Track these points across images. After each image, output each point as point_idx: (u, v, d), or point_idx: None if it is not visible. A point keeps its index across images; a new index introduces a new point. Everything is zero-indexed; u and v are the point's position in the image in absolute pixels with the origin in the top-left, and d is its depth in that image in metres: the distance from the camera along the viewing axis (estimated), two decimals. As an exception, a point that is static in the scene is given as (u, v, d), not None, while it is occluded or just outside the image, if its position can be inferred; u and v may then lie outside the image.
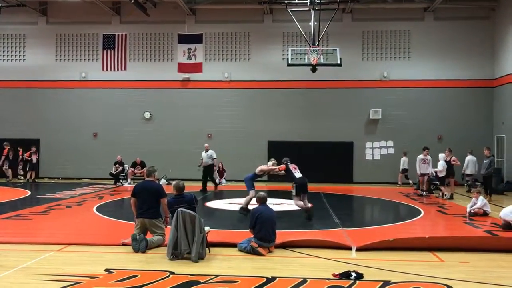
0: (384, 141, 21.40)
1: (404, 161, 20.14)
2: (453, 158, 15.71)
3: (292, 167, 11.43)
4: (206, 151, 17.19)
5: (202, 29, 21.64)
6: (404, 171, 20.15)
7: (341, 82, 21.34)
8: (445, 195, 15.32)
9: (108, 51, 21.56)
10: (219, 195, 16.76)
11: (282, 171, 11.56)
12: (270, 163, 12.16)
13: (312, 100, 21.58)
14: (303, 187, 10.97)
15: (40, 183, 20.10)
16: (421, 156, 16.43)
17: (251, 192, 11.41)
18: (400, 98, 21.26)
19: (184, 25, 21.81)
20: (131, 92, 22.11)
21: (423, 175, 16.35)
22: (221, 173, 20.58)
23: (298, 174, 11.23)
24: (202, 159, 17.15)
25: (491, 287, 5.91)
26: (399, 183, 20.21)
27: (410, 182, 19.70)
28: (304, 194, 11.02)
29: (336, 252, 7.56)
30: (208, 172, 17.18)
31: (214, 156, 17.21)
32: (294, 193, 11.01)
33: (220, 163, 20.61)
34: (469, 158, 16.97)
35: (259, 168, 12.01)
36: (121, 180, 20.27)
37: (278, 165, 11.84)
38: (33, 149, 20.76)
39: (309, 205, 11.20)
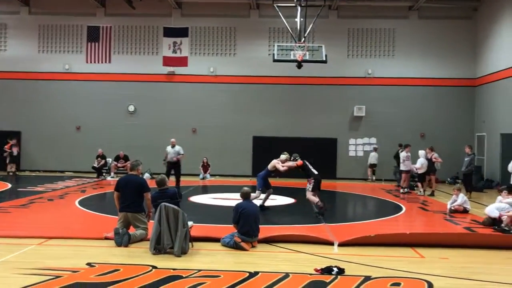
0: (368, 138, 21.57)
1: (372, 156, 20.66)
2: (435, 155, 15.91)
3: (308, 164, 11.48)
4: (173, 146, 16.19)
5: (188, 23, 21.50)
6: (372, 166, 20.55)
7: (326, 78, 21.42)
8: (421, 191, 15.56)
9: (93, 43, 21.29)
10: (203, 190, 16.73)
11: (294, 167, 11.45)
12: (283, 156, 11.75)
13: (298, 96, 21.63)
14: (319, 183, 11.18)
15: (21, 176, 19.82)
16: (404, 154, 16.58)
17: (257, 192, 11.29)
18: (384, 95, 21.43)
19: (169, 18, 21.65)
20: (115, 85, 21.90)
21: (405, 172, 16.52)
22: (206, 168, 20.56)
23: (314, 171, 11.30)
24: (167, 154, 16.14)
25: (469, 282, 6.01)
26: (369, 178, 20.50)
27: (371, 178, 20.40)
28: (317, 190, 11.18)
29: (318, 247, 7.61)
30: (175, 169, 15.96)
31: (182, 152, 16.27)
32: (310, 189, 11.04)
33: (204, 158, 20.59)
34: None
35: (273, 163, 11.57)
36: (104, 174, 20.10)
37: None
38: (14, 141, 20.44)
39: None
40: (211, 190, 16.48)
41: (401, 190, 16.22)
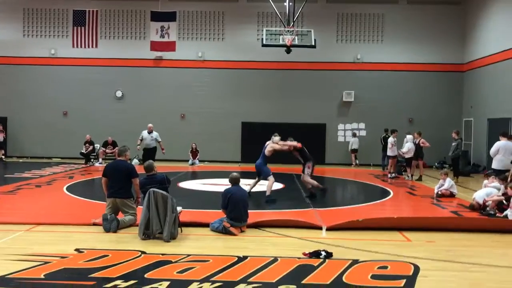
0: (356, 123, 21.66)
1: (353, 142, 20.96)
2: (422, 140, 16.02)
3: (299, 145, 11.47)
4: (150, 132, 15.49)
5: (176, 7, 21.26)
6: (354, 151, 20.88)
7: (315, 63, 21.40)
8: (408, 176, 15.74)
9: (79, 28, 20.99)
10: (192, 176, 16.73)
11: (291, 150, 11.25)
12: (277, 138, 11.23)
13: (286, 81, 21.61)
14: (314, 166, 11.52)
15: (8, 162, 19.64)
16: (391, 139, 16.74)
17: (271, 178, 10.77)
18: (372, 80, 21.49)
19: (157, 2, 21.36)
20: (103, 70, 21.68)
21: (392, 157, 16.67)
22: (194, 153, 20.53)
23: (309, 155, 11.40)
24: (141, 139, 15.38)
25: (455, 265, 6.12)
26: (353, 163, 20.76)
27: (355, 163, 20.68)
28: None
29: (307, 231, 7.68)
30: (151, 155, 15.17)
31: (159, 138, 15.73)
32: (309, 173, 11.06)
33: (193, 144, 20.55)
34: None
35: (270, 147, 10.96)
36: (92, 160, 20.01)
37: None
38: None
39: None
40: (200, 176, 16.48)
41: (389, 175, 16.37)
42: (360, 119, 21.64)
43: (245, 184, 12.30)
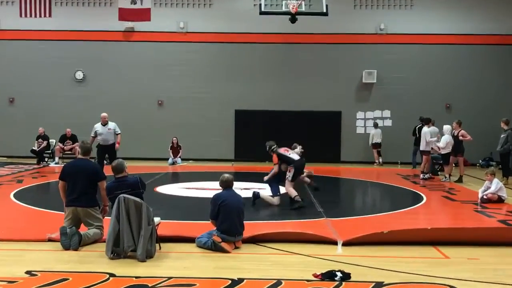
0: (380, 110, 21.69)
1: (374, 134, 20.91)
2: (462, 132, 15.94)
3: (282, 150, 11.52)
4: (105, 123, 14.55)
5: (151, -35, 21.22)
6: (376, 145, 20.81)
7: (327, 36, 21.38)
8: (446, 177, 15.77)
9: (27, -8, 20.89)
10: (173, 178, 16.72)
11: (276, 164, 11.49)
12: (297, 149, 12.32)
13: (291, 58, 21.59)
14: (299, 172, 11.43)
15: None
16: (426, 129, 16.64)
17: (275, 199, 11.19)
18: (400, 57, 21.49)
19: (126, -41, 21.32)
20: (58, 46, 21.63)
21: (426, 153, 16.67)
22: (176, 150, 20.54)
23: (294, 156, 11.33)
24: (95, 135, 14.37)
25: (503, 287, 6.14)
26: (376, 162, 20.79)
27: (378, 161, 20.76)
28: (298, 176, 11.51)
29: (317, 247, 7.68)
30: (110, 153, 14.40)
31: (118, 130, 14.76)
32: (289, 178, 11.13)
33: (174, 138, 20.55)
34: None
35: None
36: (46, 159, 19.98)
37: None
38: None
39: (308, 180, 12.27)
40: (183, 178, 16.45)
41: (422, 176, 16.40)
42: (384, 106, 21.66)
43: (242, 188, 12.34)
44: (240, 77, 21.61)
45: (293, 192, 11.02)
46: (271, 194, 11.32)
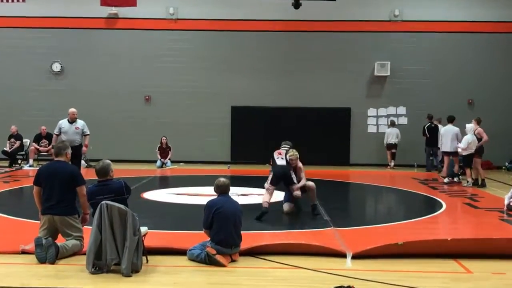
0: (394, 107, 21.70)
1: (390, 134, 20.91)
2: (478, 130, 16.00)
3: (276, 153, 11.53)
4: (73, 121, 13.99)
5: None
6: (391, 146, 20.80)
7: (335, 23, 21.39)
8: (468, 182, 15.80)
9: (-2, -27, 20.90)
10: (162, 183, 16.72)
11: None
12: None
13: (294, 49, 21.59)
14: (278, 179, 11.14)
15: None
16: (451, 128, 16.72)
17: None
18: (416, 47, 21.50)
19: None
20: (33, 34, 21.62)
21: (448, 154, 16.72)
22: (165, 151, 20.51)
23: (280, 161, 11.33)
24: (59, 133, 13.88)
25: (533, 306, 6.15)
26: (389, 164, 20.81)
27: (390, 164, 20.78)
28: (282, 185, 11.37)
29: (324, 260, 7.68)
30: (76, 155, 12.66)
31: (87, 131, 14.13)
32: (268, 181, 11.13)
33: (163, 138, 20.52)
34: None
35: None
36: (19, 161, 19.98)
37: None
38: None
39: (290, 206, 11.43)
40: (173, 183, 16.44)
41: (446, 179, 16.44)
42: (399, 102, 21.67)
43: (239, 194, 12.35)
44: (237, 69, 21.61)
45: (264, 198, 10.99)
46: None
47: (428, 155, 19.68)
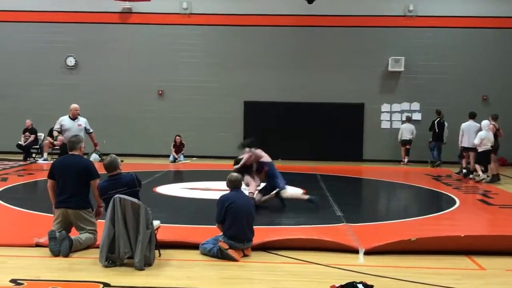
0: (407, 102, 21.61)
1: (405, 129, 20.86)
2: (491, 125, 16.02)
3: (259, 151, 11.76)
4: (75, 117, 13.16)
5: None
6: (405, 142, 20.78)
7: (348, 18, 21.31)
8: (483, 177, 15.80)
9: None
10: (174, 177, 16.78)
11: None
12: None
13: (308, 44, 21.55)
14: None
15: None
16: (468, 125, 16.79)
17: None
18: (431, 42, 21.38)
19: None
20: (47, 29, 21.70)
21: (468, 150, 16.78)
22: (179, 149, 20.48)
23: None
24: (60, 130, 12.96)
25: (546, 303, 6.12)
26: (403, 160, 20.77)
27: (404, 160, 20.74)
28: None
29: (336, 256, 7.68)
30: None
31: (90, 129, 13.43)
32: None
33: (177, 137, 20.42)
34: None
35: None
36: (33, 155, 20.09)
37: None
38: None
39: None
40: (185, 178, 16.48)
41: (464, 171, 16.74)
42: (413, 97, 21.57)
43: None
44: (250, 64, 21.59)
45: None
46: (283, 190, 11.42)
47: (433, 149, 20.08)
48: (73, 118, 13.14)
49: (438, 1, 21.41)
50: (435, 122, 19.86)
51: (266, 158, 11.61)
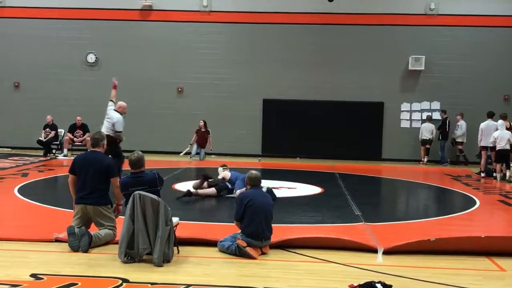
0: (428, 102, 21.48)
1: (424, 129, 20.83)
2: (507, 123, 16.30)
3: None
4: (122, 112, 13.46)
5: None
6: (426, 142, 20.71)
7: (368, 16, 21.22)
8: (497, 175, 16.13)
9: (35, -35, 21.18)
10: (193, 174, 16.79)
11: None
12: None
13: (327, 42, 21.49)
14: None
15: None
16: (487, 124, 16.84)
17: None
18: (452, 41, 21.22)
19: None
20: (68, 25, 21.83)
21: (487, 149, 16.82)
22: (203, 137, 20.25)
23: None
24: (113, 123, 12.75)
25: None
26: (423, 160, 20.72)
27: (424, 160, 20.76)
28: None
29: (355, 255, 7.66)
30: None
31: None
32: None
33: (201, 121, 20.30)
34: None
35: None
36: (54, 151, 20.23)
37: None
38: None
39: None
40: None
41: (482, 175, 16.74)
42: (433, 96, 21.44)
43: (267, 187, 12.36)
44: (269, 62, 21.56)
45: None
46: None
47: (442, 149, 20.59)
48: (122, 112, 13.50)
49: (460, 0, 21.23)
50: (447, 120, 20.43)
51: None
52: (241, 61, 21.64)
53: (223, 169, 13.08)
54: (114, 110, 13.08)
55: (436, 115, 21.29)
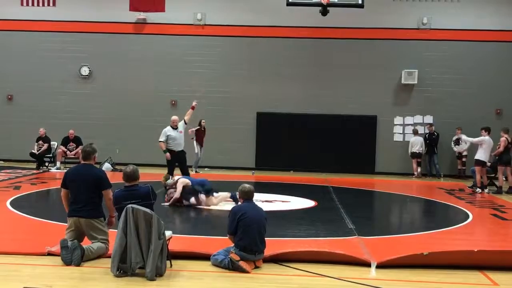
0: (420, 115, 21.55)
1: (413, 143, 20.88)
2: (503, 138, 16.38)
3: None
4: (176, 127, 15.10)
5: (166, -50, 21.41)
6: (415, 155, 20.77)
7: (362, 31, 21.32)
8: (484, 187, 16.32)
9: (30, -22, 21.21)
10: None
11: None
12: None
13: (321, 55, 21.56)
14: None
15: None
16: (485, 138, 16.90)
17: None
18: (444, 55, 21.33)
19: None
20: (62, 38, 21.85)
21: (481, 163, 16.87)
22: (201, 136, 20.29)
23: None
24: (166, 140, 14.86)
25: (561, 320, 6.05)
26: (415, 173, 20.78)
27: (417, 173, 20.81)
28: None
29: (348, 269, 7.65)
30: (183, 159, 15.07)
31: (186, 122, 15.74)
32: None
33: (203, 121, 20.26)
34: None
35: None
36: (46, 164, 20.18)
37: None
38: None
39: None
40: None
41: (478, 190, 16.63)
42: (426, 110, 21.52)
43: (263, 200, 12.37)
44: (263, 75, 21.63)
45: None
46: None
47: (430, 162, 21.03)
48: (174, 127, 14.90)
49: (452, 14, 21.36)
50: (426, 135, 20.80)
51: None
52: (235, 74, 21.69)
53: (172, 179, 13.25)
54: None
55: (421, 129, 21.31)
